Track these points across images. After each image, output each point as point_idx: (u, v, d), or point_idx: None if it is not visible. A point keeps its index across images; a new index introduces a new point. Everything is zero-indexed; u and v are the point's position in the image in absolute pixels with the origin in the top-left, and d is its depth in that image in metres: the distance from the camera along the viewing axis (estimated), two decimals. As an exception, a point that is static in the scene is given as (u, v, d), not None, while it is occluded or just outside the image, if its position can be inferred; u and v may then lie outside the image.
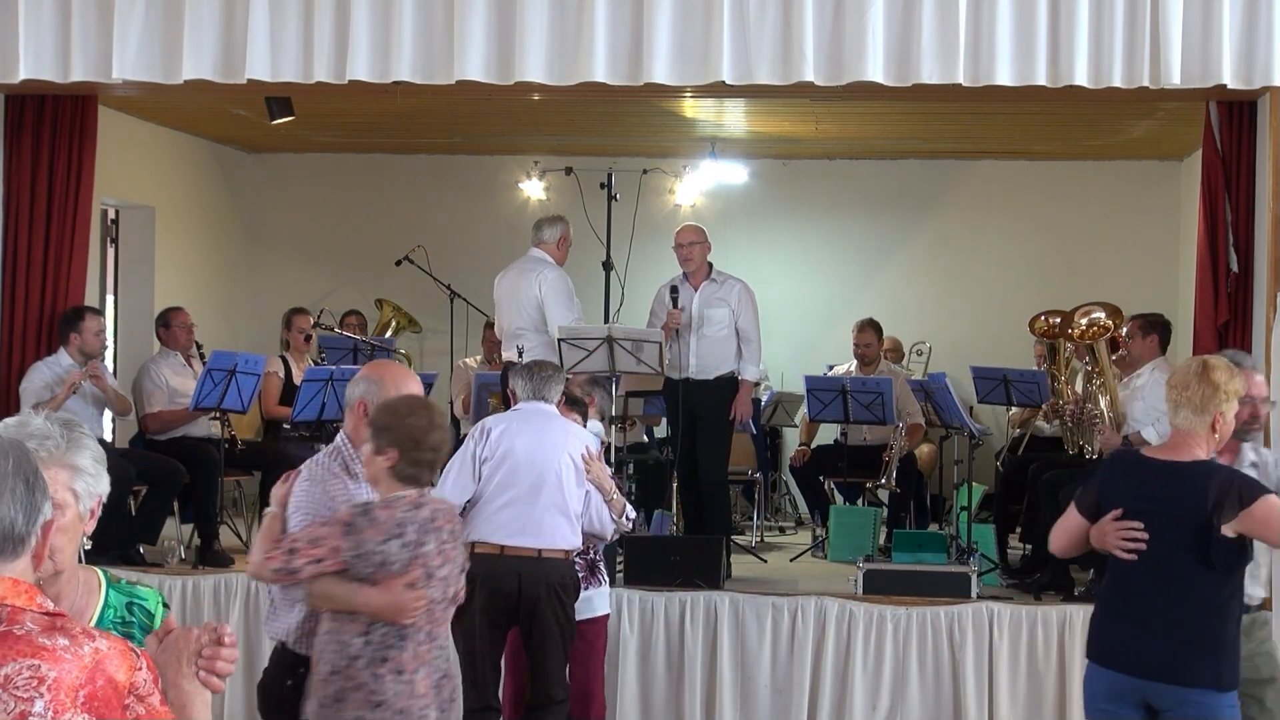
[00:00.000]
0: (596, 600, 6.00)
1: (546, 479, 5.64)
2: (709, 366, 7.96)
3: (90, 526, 2.58)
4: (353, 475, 4.16)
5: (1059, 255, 11.23)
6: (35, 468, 2.18)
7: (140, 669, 2.16)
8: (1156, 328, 7.53)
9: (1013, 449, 9.03)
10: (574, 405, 6.16)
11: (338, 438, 4.28)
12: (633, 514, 6.01)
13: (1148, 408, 7.23)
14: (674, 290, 7.97)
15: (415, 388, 4.23)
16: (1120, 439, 7.30)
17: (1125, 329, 7.55)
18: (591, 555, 5.98)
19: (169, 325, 8.46)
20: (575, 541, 5.72)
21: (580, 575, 5.81)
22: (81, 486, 2.54)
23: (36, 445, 2.47)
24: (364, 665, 3.92)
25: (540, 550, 5.59)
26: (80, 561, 2.70)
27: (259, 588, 7.27)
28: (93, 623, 2.57)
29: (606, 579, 6.15)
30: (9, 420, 2.57)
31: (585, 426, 6.12)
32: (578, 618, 5.74)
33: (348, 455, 4.20)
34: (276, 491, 4.21)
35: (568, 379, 6.28)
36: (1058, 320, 8.15)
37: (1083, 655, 6.77)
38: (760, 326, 8.10)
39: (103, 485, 2.58)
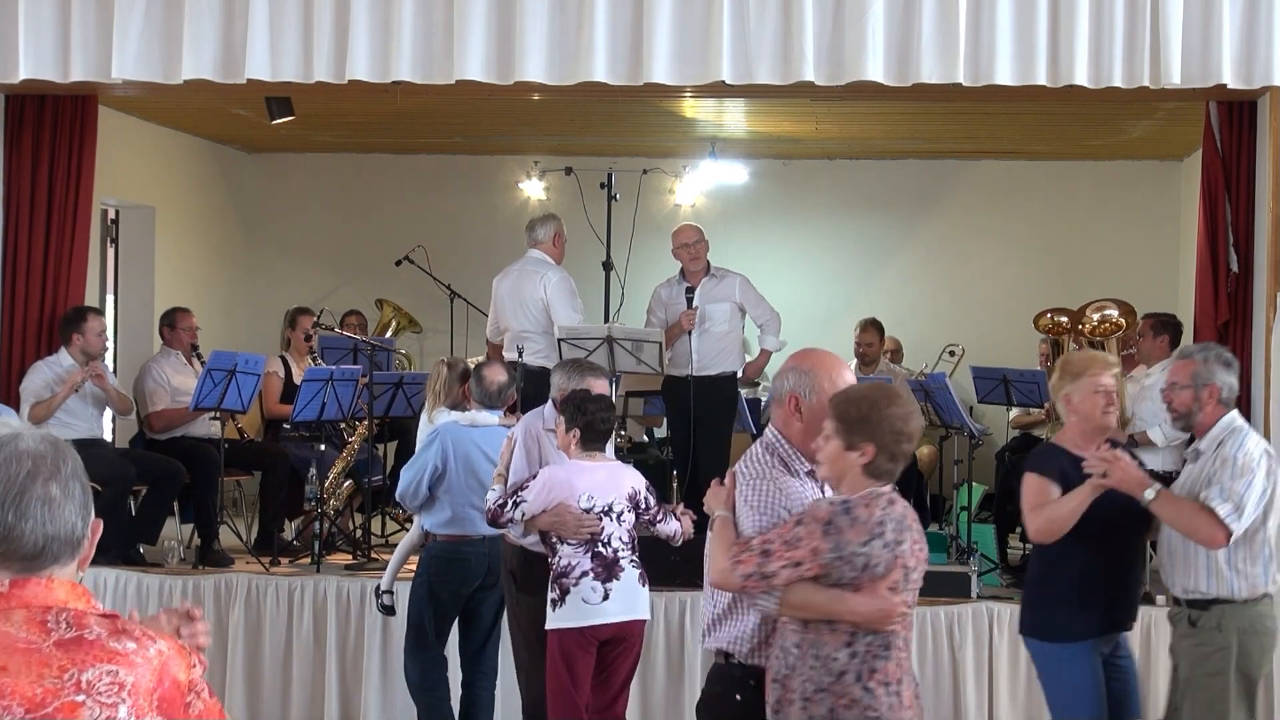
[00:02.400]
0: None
1: None
2: (711, 363, 7.99)
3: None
4: (793, 473, 3.76)
5: (1059, 255, 11.23)
6: (83, 467, 2.16)
7: (195, 665, 2.16)
8: (1168, 328, 7.53)
9: (1029, 447, 9.07)
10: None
11: (767, 433, 3.85)
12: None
13: (1156, 408, 7.23)
14: (689, 291, 8.04)
15: (849, 376, 3.87)
16: (1125, 438, 7.30)
17: (1137, 327, 7.55)
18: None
19: (174, 326, 8.47)
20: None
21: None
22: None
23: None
24: (853, 679, 3.57)
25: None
26: None
27: (259, 587, 7.27)
28: None
29: (561, 591, 5.32)
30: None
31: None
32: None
33: (784, 452, 3.77)
34: (715, 494, 3.82)
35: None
36: (1064, 319, 8.16)
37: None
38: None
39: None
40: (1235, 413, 4.82)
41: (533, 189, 11.41)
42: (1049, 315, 8.37)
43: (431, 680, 6.27)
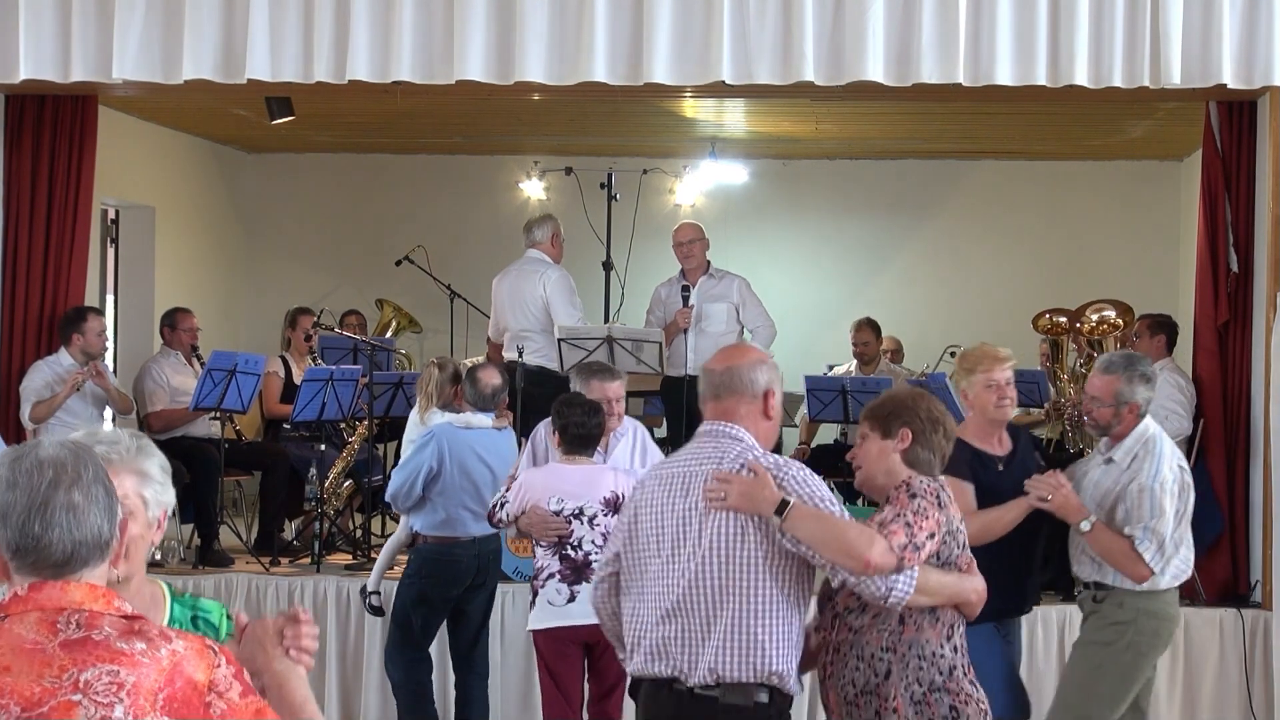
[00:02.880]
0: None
1: None
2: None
3: (157, 537, 2.59)
4: None
5: (1059, 255, 11.23)
6: (105, 470, 2.20)
7: (219, 665, 2.16)
8: (1164, 328, 7.54)
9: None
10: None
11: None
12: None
13: (1155, 407, 7.23)
14: (685, 290, 8.04)
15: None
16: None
17: (1134, 328, 7.56)
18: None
19: (175, 326, 8.46)
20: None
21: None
22: (150, 494, 2.55)
23: (106, 449, 2.47)
24: (962, 673, 3.54)
25: None
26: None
27: (259, 588, 7.27)
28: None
29: (533, 593, 5.46)
30: (77, 433, 2.54)
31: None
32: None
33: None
34: (761, 484, 3.50)
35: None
36: (1062, 319, 8.16)
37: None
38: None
39: (169, 495, 2.59)
40: (1149, 419, 4.98)
41: (533, 189, 11.41)
42: (1047, 316, 8.36)
43: (415, 680, 6.26)
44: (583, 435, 5.35)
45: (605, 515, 5.26)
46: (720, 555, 3.38)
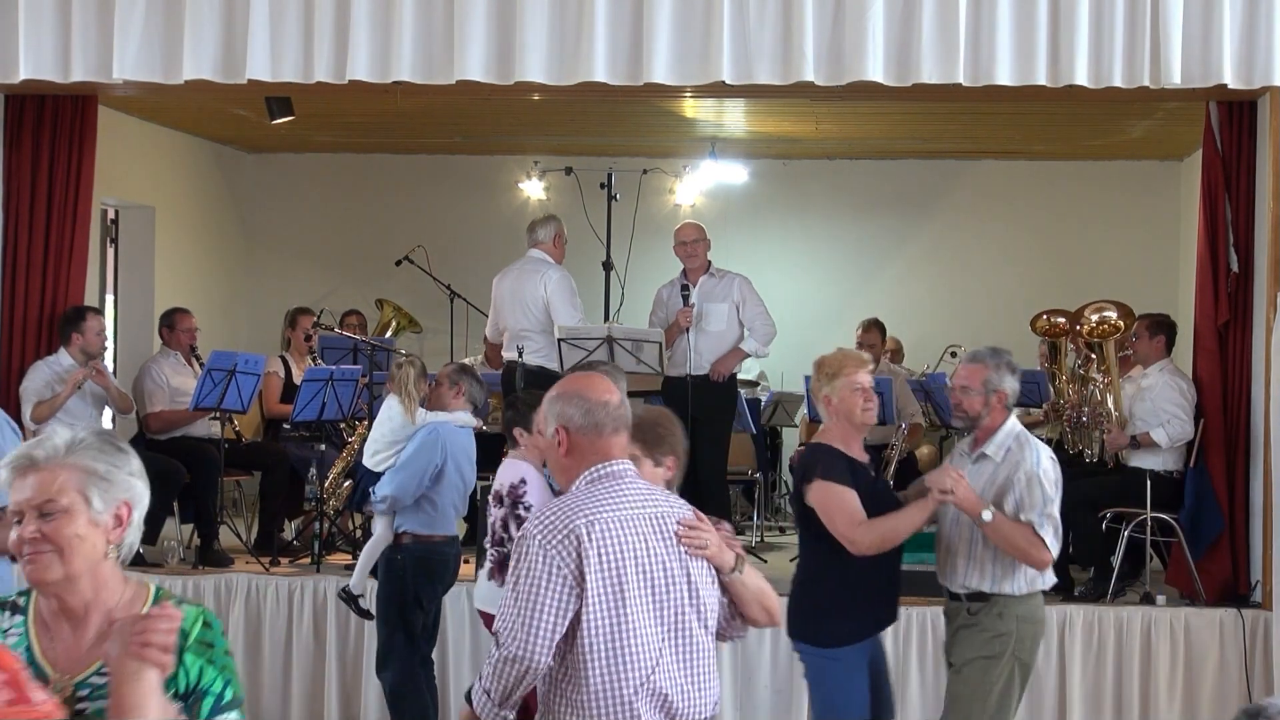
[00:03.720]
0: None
1: None
2: (709, 363, 7.99)
3: (118, 536, 2.52)
4: None
5: (1058, 255, 11.23)
6: None
7: None
8: (1163, 328, 7.53)
9: None
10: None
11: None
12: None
13: (1155, 409, 7.23)
14: (684, 289, 8.05)
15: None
16: (1127, 439, 7.30)
17: (1133, 328, 7.56)
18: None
19: (173, 327, 8.46)
20: None
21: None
22: (96, 492, 2.48)
23: (29, 449, 2.47)
24: None
25: None
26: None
27: (259, 588, 7.27)
28: None
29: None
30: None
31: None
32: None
33: None
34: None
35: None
36: (1061, 320, 8.15)
37: (1082, 654, 6.83)
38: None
39: (131, 493, 2.55)
40: (1014, 416, 5.00)
41: (533, 189, 11.41)
42: (1046, 317, 8.36)
43: (418, 682, 6.21)
44: (505, 423, 5.51)
45: (497, 506, 5.32)
46: (709, 598, 3.44)
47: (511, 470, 5.36)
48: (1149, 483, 7.07)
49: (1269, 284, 6.90)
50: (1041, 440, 8.87)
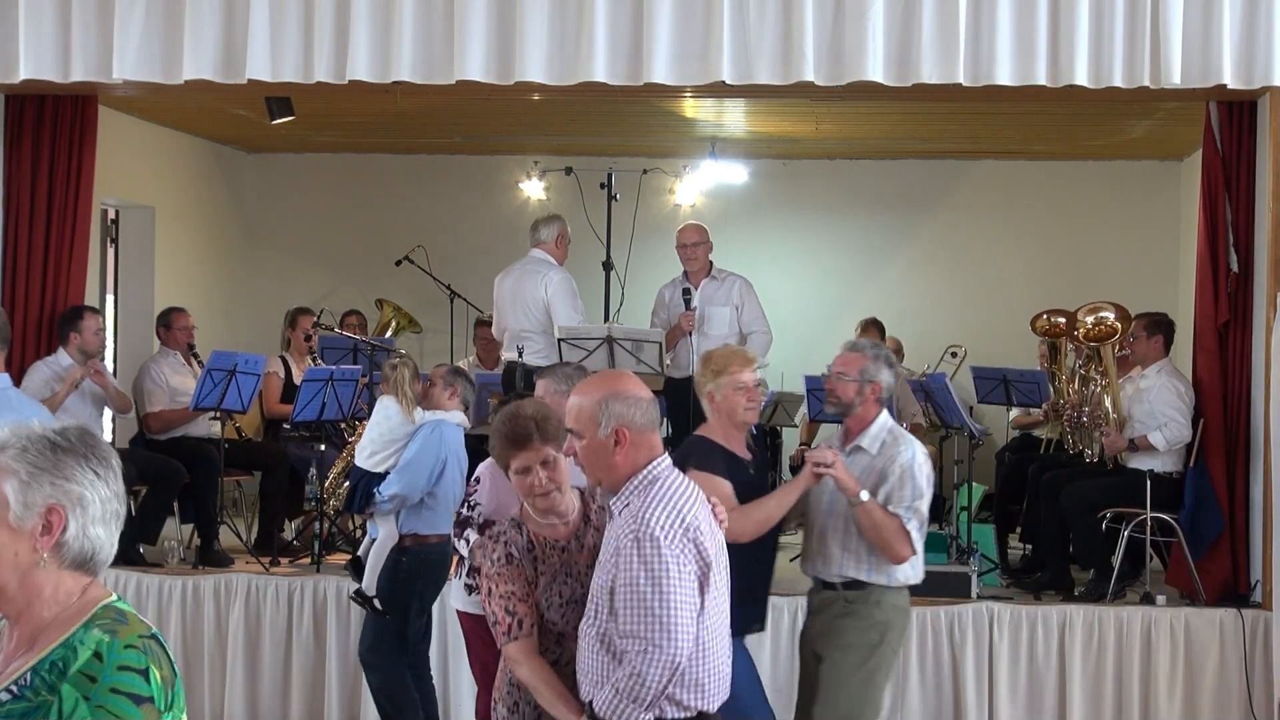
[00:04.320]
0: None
1: None
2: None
3: (47, 543, 2.26)
4: None
5: (1059, 255, 11.23)
6: None
7: None
8: (1161, 328, 7.53)
9: (1028, 447, 9.08)
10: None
11: None
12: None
13: (1153, 410, 7.23)
14: (686, 292, 8.06)
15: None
16: (1126, 441, 7.30)
17: (1130, 328, 7.56)
18: None
19: (170, 326, 8.47)
20: None
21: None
22: (14, 494, 2.26)
23: None
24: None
25: None
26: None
27: (259, 588, 7.27)
28: (41, 657, 2.26)
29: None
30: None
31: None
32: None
33: None
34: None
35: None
36: (1061, 320, 8.15)
37: (1082, 654, 6.82)
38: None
39: (57, 497, 2.26)
40: (886, 412, 5.01)
41: (533, 189, 11.41)
42: (1046, 317, 8.37)
43: (404, 682, 6.19)
44: None
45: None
46: None
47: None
48: (1149, 483, 7.07)
49: (1269, 284, 6.89)
50: (1042, 440, 9.01)
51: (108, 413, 8.09)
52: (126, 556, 7.49)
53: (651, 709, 3.36)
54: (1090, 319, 7.57)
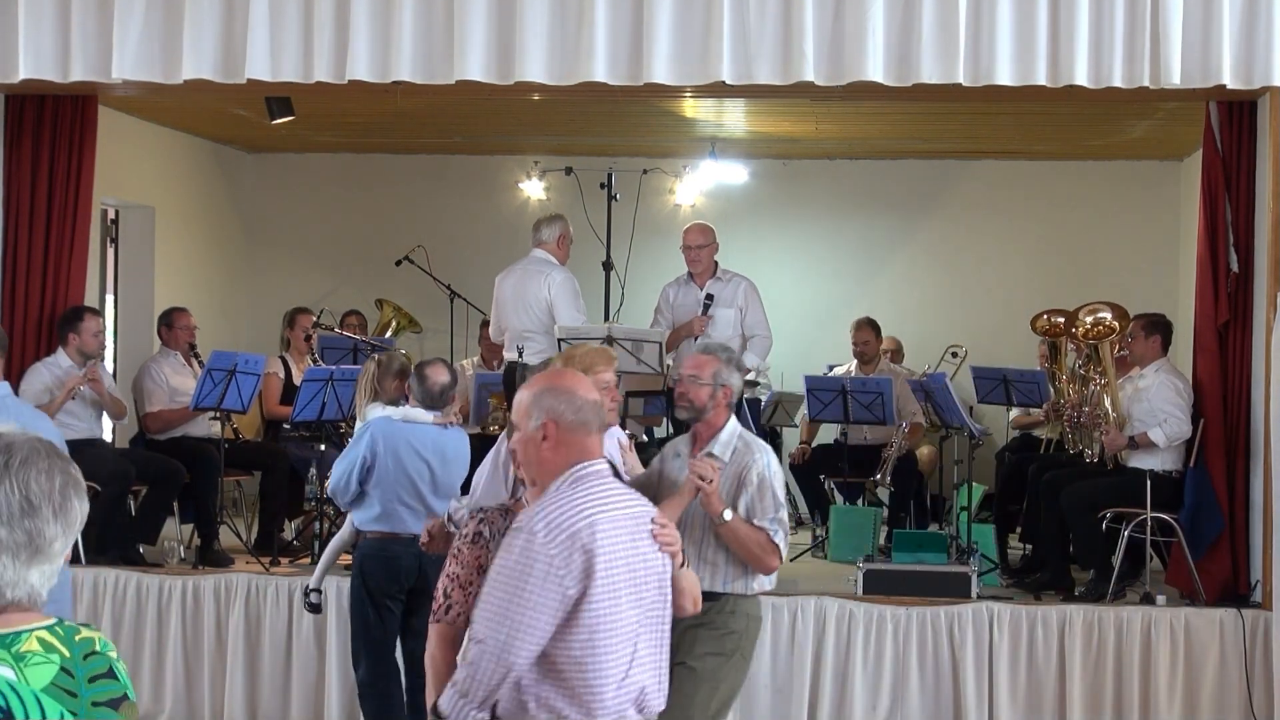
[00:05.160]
0: None
1: None
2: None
3: None
4: None
5: (1059, 255, 11.23)
6: None
7: None
8: (1159, 328, 7.53)
9: (1028, 447, 9.08)
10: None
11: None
12: None
13: (1152, 409, 7.24)
14: (709, 298, 8.07)
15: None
16: (1125, 440, 7.31)
17: (1129, 328, 7.56)
18: None
19: (171, 326, 8.47)
20: None
21: None
22: None
23: None
24: None
25: None
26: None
27: (259, 587, 7.27)
28: None
29: None
30: None
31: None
32: None
33: None
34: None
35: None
36: (1060, 320, 8.15)
37: (1082, 654, 6.82)
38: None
39: None
40: (735, 417, 4.85)
41: (533, 189, 11.41)
42: (1046, 317, 8.37)
43: (381, 682, 6.13)
44: None
45: None
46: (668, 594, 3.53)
47: None
48: (1149, 483, 7.08)
49: (1269, 284, 6.89)
50: (1042, 440, 9.01)
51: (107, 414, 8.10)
52: (127, 556, 7.50)
53: (484, 708, 3.21)
54: (1089, 319, 7.58)
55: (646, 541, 3.39)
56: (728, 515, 4.63)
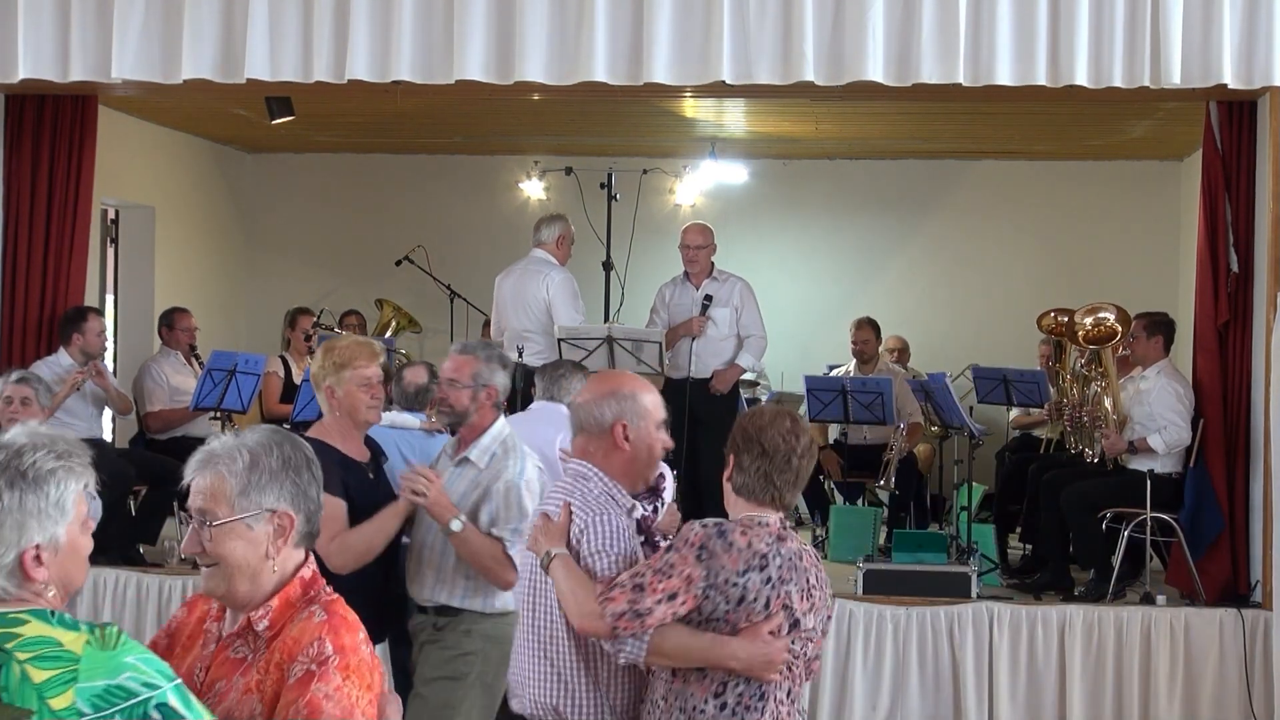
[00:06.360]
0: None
1: None
2: (710, 365, 7.99)
3: None
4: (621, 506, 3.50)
5: (1059, 255, 11.23)
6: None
7: None
8: (1161, 328, 7.51)
9: (1028, 447, 9.07)
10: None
11: (579, 466, 3.56)
12: None
13: (1152, 414, 7.23)
14: (708, 299, 8.06)
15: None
16: (1125, 443, 7.30)
17: (1130, 328, 7.55)
18: None
19: (172, 326, 8.48)
20: None
21: None
22: None
23: None
24: None
25: None
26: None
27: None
28: None
29: None
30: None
31: None
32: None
33: (608, 487, 3.51)
34: (545, 531, 3.45)
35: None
36: (1066, 318, 8.15)
37: (1082, 654, 6.82)
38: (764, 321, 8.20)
39: None
40: (504, 419, 4.62)
41: (533, 189, 11.42)
42: (1052, 315, 8.37)
43: None
44: None
45: None
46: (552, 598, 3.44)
47: None
48: (1149, 483, 7.07)
49: (1269, 284, 6.89)
50: (1042, 440, 9.00)
51: (108, 413, 8.09)
52: (127, 556, 7.49)
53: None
54: (1089, 320, 7.57)
55: None
56: (455, 525, 4.31)
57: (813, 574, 3.26)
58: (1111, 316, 7.51)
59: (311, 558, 2.66)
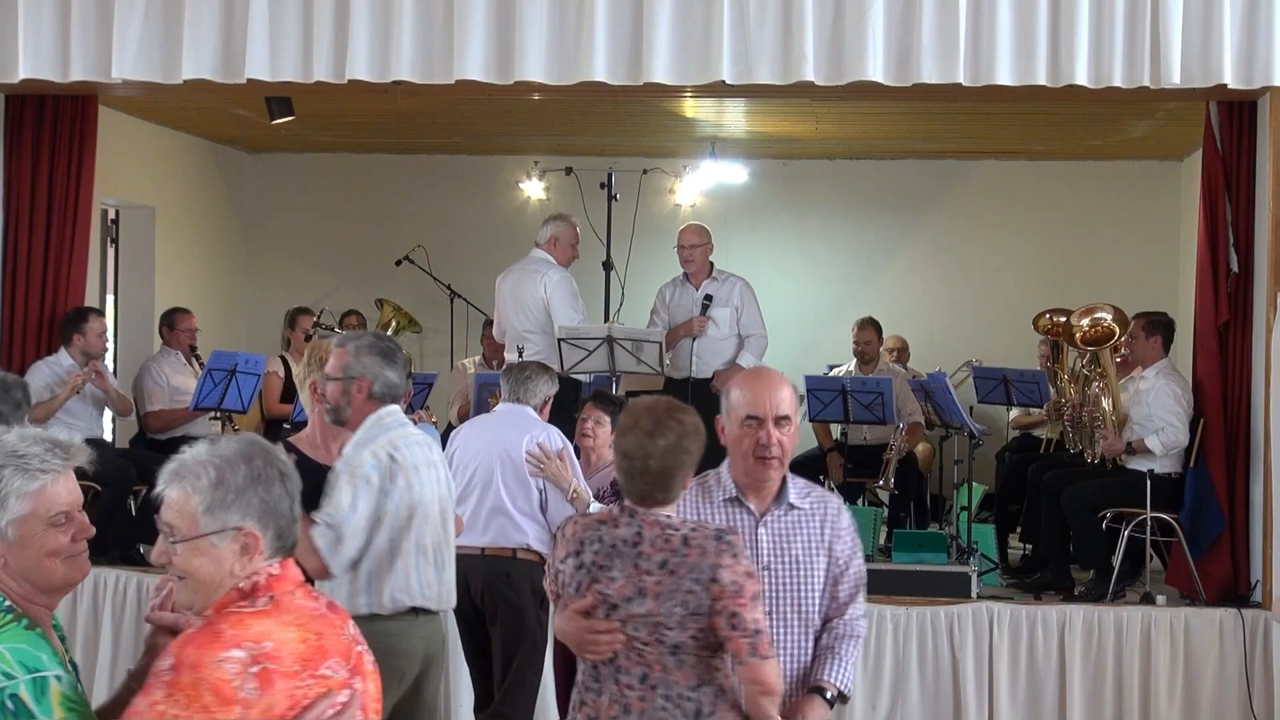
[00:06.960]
0: None
1: (490, 479, 5.77)
2: (710, 365, 7.99)
3: None
4: (713, 502, 3.72)
5: (1059, 255, 11.23)
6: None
7: None
8: (1160, 328, 7.51)
9: (1028, 447, 9.07)
10: (603, 403, 6.18)
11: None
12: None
13: (1150, 414, 7.23)
14: (708, 299, 8.06)
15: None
16: (1124, 444, 7.30)
17: (1129, 329, 7.55)
18: None
19: (173, 327, 8.48)
20: (519, 538, 5.76)
21: None
22: None
23: None
24: (573, 709, 3.40)
25: (483, 549, 5.70)
26: None
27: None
28: None
29: None
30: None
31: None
32: None
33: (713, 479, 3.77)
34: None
35: None
36: (1063, 319, 8.15)
37: (1082, 654, 6.82)
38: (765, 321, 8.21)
39: None
40: (389, 409, 4.44)
41: (533, 189, 11.42)
42: (1048, 316, 8.37)
43: None
44: None
45: None
46: None
47: None
48: (1149, 483, 7.07)
49: (1269, 284, 6.89)
50: (1042, 440, 9.00)
51: (108, 413, 8.09)
52: (127, 556, 7.50)
53: None
54: (1085, 321, 7.57)
55: None
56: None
57: (654, 561, 3.27)
58: (1108, 317, 7.51)
59: (289, 566, 2.56)
